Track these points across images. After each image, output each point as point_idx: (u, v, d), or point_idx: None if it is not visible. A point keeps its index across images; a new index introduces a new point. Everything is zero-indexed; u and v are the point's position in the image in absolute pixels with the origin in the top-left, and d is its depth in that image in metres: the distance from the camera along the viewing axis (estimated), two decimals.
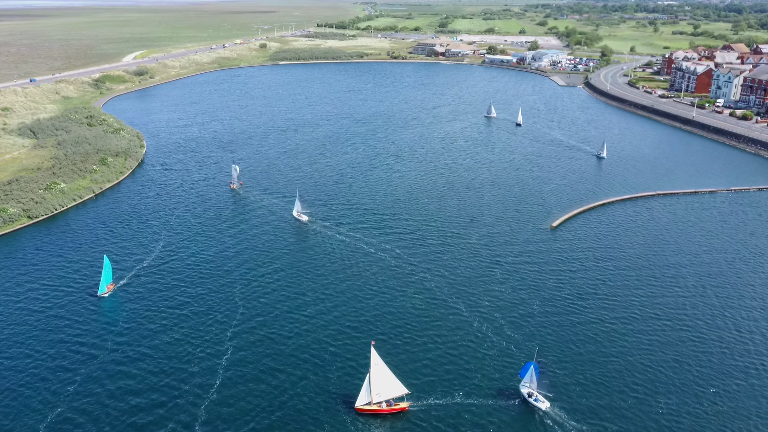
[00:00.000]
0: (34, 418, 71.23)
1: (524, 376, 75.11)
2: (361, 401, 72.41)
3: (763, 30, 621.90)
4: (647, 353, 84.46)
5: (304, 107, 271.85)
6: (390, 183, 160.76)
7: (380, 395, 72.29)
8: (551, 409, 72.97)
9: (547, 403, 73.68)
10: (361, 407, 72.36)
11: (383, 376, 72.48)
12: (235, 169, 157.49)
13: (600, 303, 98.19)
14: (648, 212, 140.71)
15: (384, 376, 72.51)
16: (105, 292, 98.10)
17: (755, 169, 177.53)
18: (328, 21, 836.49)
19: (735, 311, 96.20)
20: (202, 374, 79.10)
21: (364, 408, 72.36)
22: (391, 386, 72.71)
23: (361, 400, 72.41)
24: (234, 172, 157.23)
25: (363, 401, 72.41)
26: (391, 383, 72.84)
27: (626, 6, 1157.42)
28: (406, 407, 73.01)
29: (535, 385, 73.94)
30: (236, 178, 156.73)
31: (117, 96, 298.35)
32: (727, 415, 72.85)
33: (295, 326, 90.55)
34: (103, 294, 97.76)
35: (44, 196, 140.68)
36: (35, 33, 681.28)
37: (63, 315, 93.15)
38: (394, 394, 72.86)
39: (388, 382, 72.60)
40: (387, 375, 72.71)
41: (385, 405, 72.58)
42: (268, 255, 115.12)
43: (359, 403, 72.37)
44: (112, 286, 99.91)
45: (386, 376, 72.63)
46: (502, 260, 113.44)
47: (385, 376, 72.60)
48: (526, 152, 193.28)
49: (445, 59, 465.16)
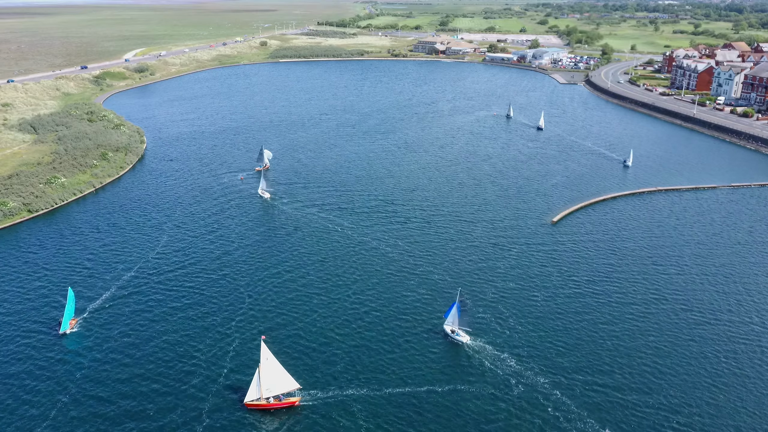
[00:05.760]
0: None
1: (448, 316, 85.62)
2: (250, 396, 71.64)
3: (763, 29, 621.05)
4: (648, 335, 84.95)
5: (304, 103, 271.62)
6: (392, 176, 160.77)
7: (270, 390, 71.48)
8: (471, 341, 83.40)
9: (467, 337, 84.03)
10: (250, 402, 71.64)
11: (273, 371, 71.66)
12: (266, 154, 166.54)
13: (593, 291, 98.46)
14: (649, 208, 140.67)
15: (274, 371, 71.72)
16: (68, 329, 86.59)
17: (756, 166, 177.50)
18: (328, 19, 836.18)
19: (730, 296, 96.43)
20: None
21: (253, 403, 71.63)
22: (281, 381, 71.95)
23: (250, 396, 71.62)
24: (265, 156, 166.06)
25: (252, 396, 71.64)
26: (282, 378, 72.05)
27: (627, 5, 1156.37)
28: (297, 402, 72.35)
29: (457, 322, 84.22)
30: (266, 161, 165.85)
31: (117, 92, 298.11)
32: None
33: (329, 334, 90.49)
34: (65, 331, 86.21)
35: (44, 190, 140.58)
36: (35, 30, 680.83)
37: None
38: (285, 389, 72.13)
39: (278, 377, 71.79)
40: (278, 370, 72.01)
41: (273, 400, 71.81)
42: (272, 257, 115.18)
43: (248, 399, 71.59)
44: (74, 321, 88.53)
45: (277, 371, 71.88)
46: (504, 254, 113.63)
47: (276, 371, 71.85)
48: (547, 155, 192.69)
49: (446, 57, 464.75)
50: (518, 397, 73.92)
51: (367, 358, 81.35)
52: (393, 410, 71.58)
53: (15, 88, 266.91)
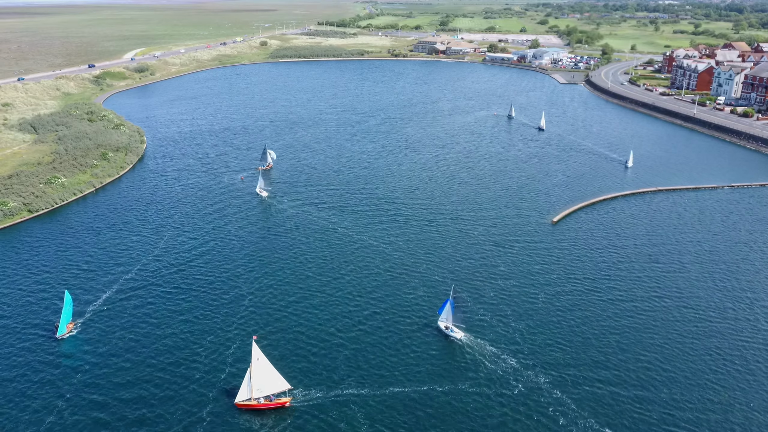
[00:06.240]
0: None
1: (442, 312, 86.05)
2: (241, 397, 71.63)
3: (764, 29, 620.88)
4: (650, 332, 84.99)
5: (305, 102, 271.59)
6: (393, 175, 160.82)
7: (261, 390, 71.43)
8: (466, 338, 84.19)
9: (461, 333, 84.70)
10: (241, 402, 71.64)
11: (264, 372, 71.60)
12: (270, 154, 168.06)
13: (592, 289, 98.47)
14: (649, 208, 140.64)
15: (265, 372, 71.63)
16: (65, 333, 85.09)
17: (756, 166, 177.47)
18: (328, 19, 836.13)
19: (731, 295, 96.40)
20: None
21: (244, 403, 71.64)
22: (272, 381, 71.84)
23: (241, 396, 71.62)
24: (269, 156, 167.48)
25: (243, 397, 71.63)
26: (273, 378, 71.94)
27: (627, 5, 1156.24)
28: (287, 402, 72.24)
29: (451, 318, 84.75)
30: (269, 160, 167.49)
31: (117, 92, 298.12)
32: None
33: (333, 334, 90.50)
34: (62, 335, 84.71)
35: (45, 190, 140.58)
36: (36, 30, 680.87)
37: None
38: (276, 389, 72.08)
39: (269, 378, 71.67)
40: (269, 370, 71.92)
41: (263, 400, 71.78)
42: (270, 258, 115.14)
43: (239, 399, 71.61)
44: (71, 325, 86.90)
45: (268, 372, 71.78)
46: (504, 253, 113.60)
47: (267, 371, 71.76)
48: (548, 155, 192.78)
49: (446, 57, 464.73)
50: (518, 396, 73.90)
51: (366, 358, 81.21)
52: (388, 411, 71.41)
53: (15, 88, 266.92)
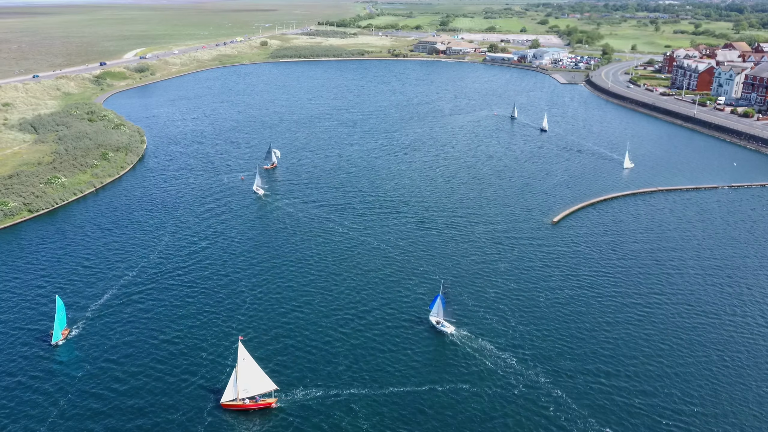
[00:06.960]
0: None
1: (432, 307, 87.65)
2: (226, 397, 71.60)
3: (764, 29, 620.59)
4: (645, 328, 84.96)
5: (305, 102, 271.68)
6: (393, 175, 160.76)
7: (247, 391, 71.44)
8: (456, 332, 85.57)
9: (452, 327, 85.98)
10: (226, 403, 71.55)
11: (250, 372, 71.55)
12: (275, 153, 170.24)
13: (593, 293, 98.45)
14: (650, 208, 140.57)
15: (251, 372, 71.58)
16: (60, 339, 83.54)
17: (756, 166, 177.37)
18: (329, 19, 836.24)
19: (732, 295, 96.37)
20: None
21: (229, 404, 71.56)
22: (258, 382, 71.81)
23: (226, 396, 71.60)
24: (274, 155, 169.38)
25: (229, 397, 71.59)
26: (259, 379, 71.89)
27: (627, 5, 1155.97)
28: (273, 403, 72.11)
29: (442, 313, 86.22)
30: (274, 159, 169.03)
31: (118, 92, 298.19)
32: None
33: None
34: (57, 342, 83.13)
35: (45, 190, 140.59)
36: (36, 30, 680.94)
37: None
38: (262, 390, 72.02)
39: (255, 378, 71.65)
40: (255, 370, 71.86)
41: (248, 401, 71.68)
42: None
43: (225, 399, 71.55)
44: (66, 331, 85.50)
45: (254, 372, 71.73)
46: (504, 254, 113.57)
47: (253, 371, 71.72)
48: (548, 155, 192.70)
49: (446, 57, 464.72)
50: (519, 396, 73.87)
51: (365, 359, 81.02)
52: (388, 411, 71.37)
53: (15, 87, 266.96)
